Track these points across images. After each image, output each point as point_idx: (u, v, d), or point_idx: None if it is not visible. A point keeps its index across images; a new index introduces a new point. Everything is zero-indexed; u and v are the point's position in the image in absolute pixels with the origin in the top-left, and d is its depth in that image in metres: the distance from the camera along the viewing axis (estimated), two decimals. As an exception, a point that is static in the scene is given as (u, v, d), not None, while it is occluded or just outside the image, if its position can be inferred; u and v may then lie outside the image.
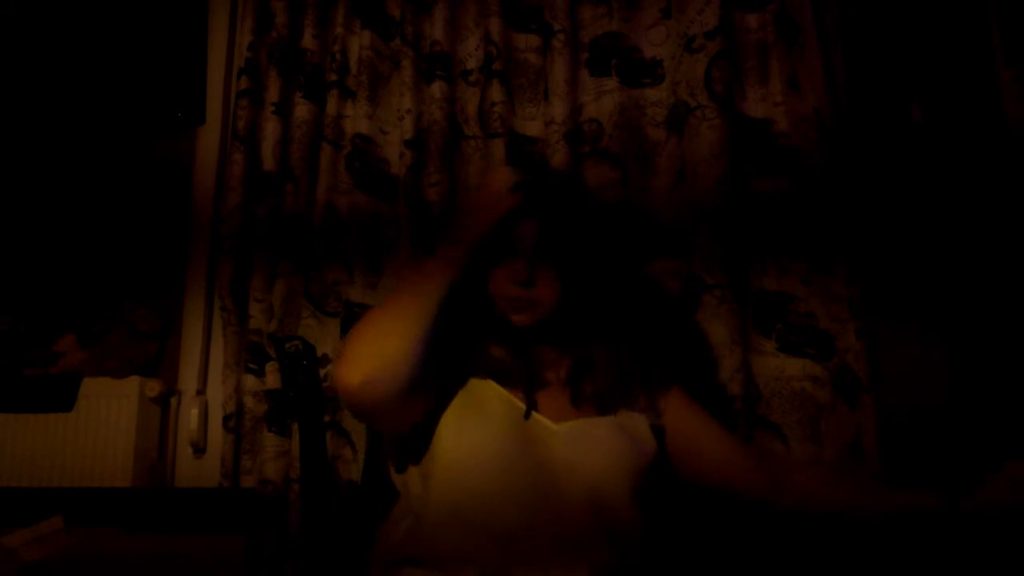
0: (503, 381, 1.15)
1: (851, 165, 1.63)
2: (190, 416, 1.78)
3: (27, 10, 2.03)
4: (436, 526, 1.07)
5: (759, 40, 1.66)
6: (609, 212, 1.65)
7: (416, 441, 1.12)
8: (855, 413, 1.51)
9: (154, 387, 1.75)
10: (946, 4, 1.69)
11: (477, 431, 1.10)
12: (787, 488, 1.16)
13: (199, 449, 1.78)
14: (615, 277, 1.26)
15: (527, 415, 1.12)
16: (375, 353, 1.01)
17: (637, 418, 1.19)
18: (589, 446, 1.12)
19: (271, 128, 1.80)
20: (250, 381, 1.69)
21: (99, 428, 1.70)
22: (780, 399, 1.54)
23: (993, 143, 1.59)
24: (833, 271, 1.56)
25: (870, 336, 1.53)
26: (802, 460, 1.46)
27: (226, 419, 1.69)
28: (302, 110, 1.80)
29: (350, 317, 1.68)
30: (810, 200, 1.59)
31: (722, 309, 1.55)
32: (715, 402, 1.52)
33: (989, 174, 1.59)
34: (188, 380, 1.83)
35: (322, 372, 1.64)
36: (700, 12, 1.67)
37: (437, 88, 1.75)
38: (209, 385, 1.82)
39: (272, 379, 1.67)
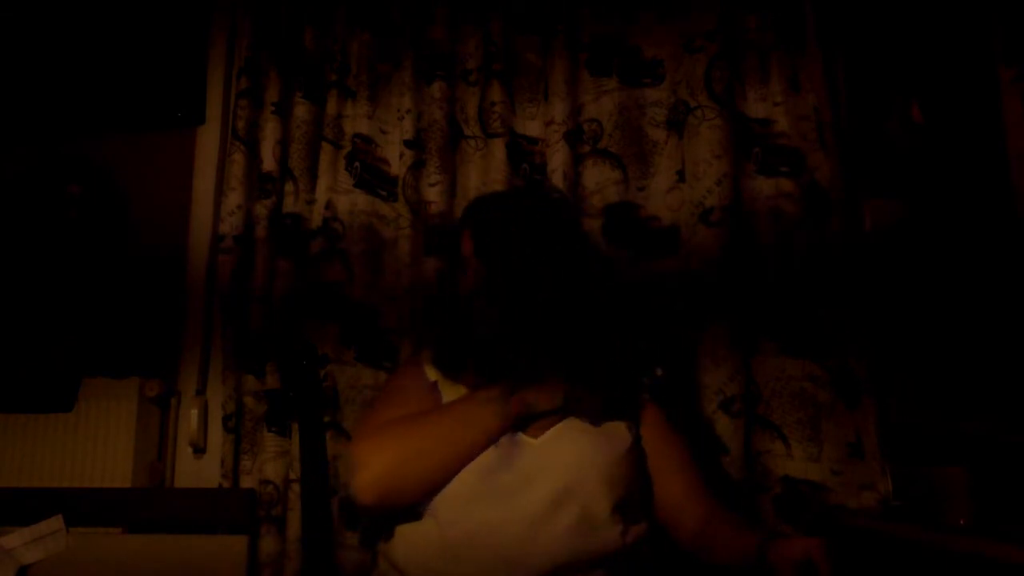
0: None
1: (851, 165, 1.63)
2: (190, 416, 1.78)
3: (26, 10, 2.03)
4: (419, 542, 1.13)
5: (759, 40, 1.67)
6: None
7: None
8: (855, 413, 1.51)
9: (154, 387, 1.75)
10: (946, 4, 1.69)
11: None
12: (708, 542, 1.17)
13: (199, 449, 1.78)
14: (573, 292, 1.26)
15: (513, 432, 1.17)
16: (397, 485, 1.11)
17: (616, 423, 1.22)
18: (560, 449, 1.16)
19: (271, 128, 1.80)
20: (250, 381, 1.69)
21: (99, 428, 1.70)
22: (780, 399, 1.54)
23: (992, 142, 1.59)
24: (833, 271, 1.56)
25: (870, 336, 1.54)
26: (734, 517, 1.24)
27: (226, 419, 1.69)
28: (302, 110, 1.80)
29: (350, 317, 1.69)
30: (810, 200, 1.59)
31: (723, 308, 1.55)
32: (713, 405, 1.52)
33: (988, 173, 1.59)
34: (188, 380, 1.83)
35: (322, 372, 1.64)
36: (700, 12, 1.68)
37: (437, 88, 1.75)
38: (209, 385, 1.82)
39: (272, 379, 1.67)
